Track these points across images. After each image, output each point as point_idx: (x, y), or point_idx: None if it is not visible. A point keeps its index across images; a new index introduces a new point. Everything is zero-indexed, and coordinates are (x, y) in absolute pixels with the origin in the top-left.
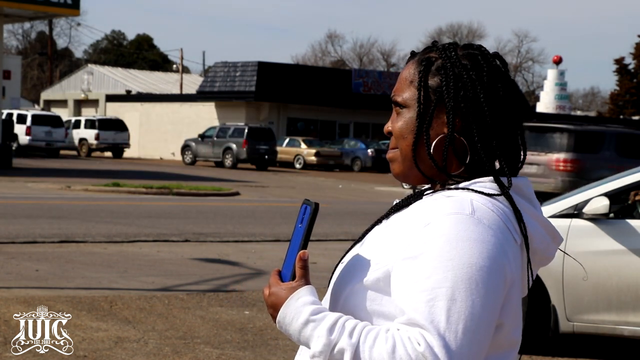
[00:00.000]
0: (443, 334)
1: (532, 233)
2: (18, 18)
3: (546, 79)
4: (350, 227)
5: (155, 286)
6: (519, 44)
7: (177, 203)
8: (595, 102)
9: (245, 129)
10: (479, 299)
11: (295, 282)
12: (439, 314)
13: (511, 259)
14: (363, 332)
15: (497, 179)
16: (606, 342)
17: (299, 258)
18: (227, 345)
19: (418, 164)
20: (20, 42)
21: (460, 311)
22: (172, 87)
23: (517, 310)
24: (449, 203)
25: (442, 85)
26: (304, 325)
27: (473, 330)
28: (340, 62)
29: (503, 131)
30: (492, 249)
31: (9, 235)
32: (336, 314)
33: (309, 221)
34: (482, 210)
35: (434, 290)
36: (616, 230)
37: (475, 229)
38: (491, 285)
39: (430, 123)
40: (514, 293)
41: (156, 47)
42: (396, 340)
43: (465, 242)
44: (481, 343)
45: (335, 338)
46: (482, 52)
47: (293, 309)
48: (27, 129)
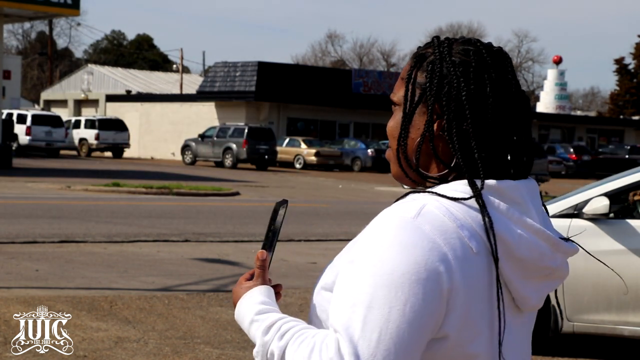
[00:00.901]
0: (356, 343)
1: (512, 241)
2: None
3: (546, 79)
4: (350, 227)
5: (155, 286)
6: (519, 44)
7: (177, 203)
8: (595, 102)
9: (245, 129)
10: (397, 307)
11: (252, 282)
12: (355, 321)
13: (454, 267)
14: (295, 335)
15: (471, 182)
16: (606, 342)
17: (256, 258)
18: (227, 345)
19: (402, 165)
20: (20, 42)
21: (375, 319)
22: (172, 87)
23: (471, 321)
24: (399, 207)
25: (426, 81)
26: (250, 324)
27: (388, 340)
28: (340, 62)
29: (488, 131)
30: (424, 254)
31: (9, 235)
32: (279, 315)
33: (270, 219)
34: (429, 214)
35: (355, 296)
36: (616, 230)
37: (409, 233)
38: (415, 293)
39: (411, 121)
40: (460, 303)
41: (156, 47)
42: (315, 345)
43: (394, 247)
44: (401, 353)
45: (268, 339)
46: (477, 48)
47: (244, 308)
48: (27, 129)
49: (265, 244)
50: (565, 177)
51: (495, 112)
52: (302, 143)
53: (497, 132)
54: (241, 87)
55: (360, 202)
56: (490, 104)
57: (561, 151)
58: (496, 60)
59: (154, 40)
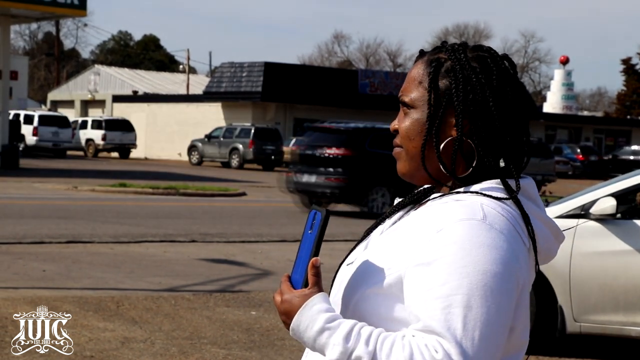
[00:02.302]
0: (460, 341)
1: (538, 234)
2: (25, 19)
3: (553, 79)
4: (356, 227)
5: (162, 286)
6: (526, 44)
7: (183, 203)
8: (602, 103)
9: (252, 129)
10: (494, 306)
11: (308, 289)
12: (455, 321)
13: (522, 263)
14: (379, 339)
15: (504, 182)
16: (613, 343)
17: (312, 265)
18: (234, 345)
19: (426, 165)
20: (27, 43)
21: (476, 318)
22: (178, 87)
23: (526, 312)
24: (460, 208)
25: (451, 87)
26: (319, 333)
27: (489, 336)
28: (346, 62)
29: (510, 134)
30: (505, 254)
31: (16, 236)
32: (351, 321)
33: (320, 228)
34: (492, 215)
35: (449, 297)
36: (623, 230)
37: (488, 234)
38: (505, 291)
39: (440, 125)
40: (524, 296)
41: (163, 47)
42: (413, 347)
43: (479, 249)
44: (496, 349)
45: (351, 346)
46: (492, 55)
47: (307, 317)
48: (34, 129)
49: (316, 251)
50: (572, 177)
51: (515, 116)
52: None
53: (516, 134)
54: (248, 88)
55: None
56: (512, 109)
57: (568, 151)
58: (508, 67)
59: (161, 41)
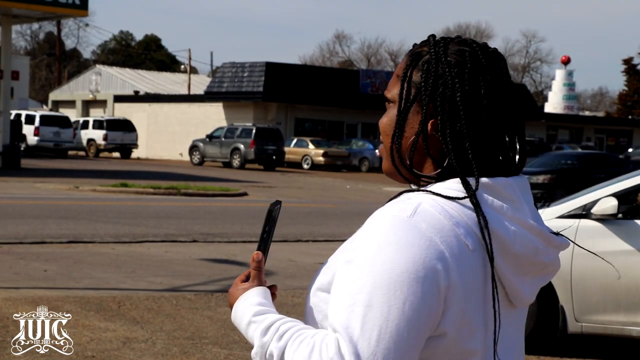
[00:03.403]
0: (356, 341)
1: (508, 237)
2: (26, 19)
3: (554, 79)
4: (357, 227)
5: (163, 286)
6: (527, 44)
7: (184, 203)
8: (603, 103)
9: (253, 129)
10: (396, 306)
11: (248, 283)
12: (354, 321)
13: (451, 265)
14: (293, 335)
15: (464, 181)
16: (615, 343)
17: (252, 259)
18: (235, 345)
19: (395, 162)
20: (29, 43)
21: (375, 318)
22: (180, 87)
23: (468, 318)
24: (394, 206)
25: (421, 81)
26: (247, 325)
27: (388, 339)
28: (348, 62)
29: (482, 131)
30: (421, 253)
31: (18, 236)
32: (276, 316)
33: (265, 221)
34: (425, 213)
35: (354, 296)
36: (624, 230)
37: (406, 232)
38: (414, 291)
39: (406, 119)
40: (457, 301)
41: (164, 47)
42: (315, 345)
43: (391, 246)
44: (400, 352)
45: (267, 340)
46: (473, 49)
47: (241, 309)
48: (36, 129)
49: (260, 245)
50: None
51: (489, 113)
52: (309, 143)
53: (490, 133)
54: (249, 88)
55: (368, 202)
56: (484, 105)
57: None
58: (491, 62)
59: (162, 41)
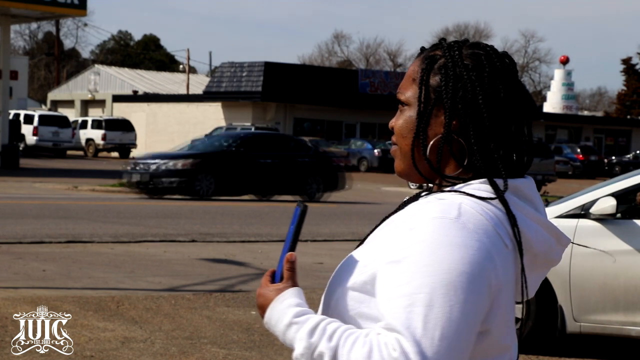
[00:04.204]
0: (419, 341)
1: (531, 236)
2: (25, 18)
3: (553, 79)
4: (357, 227)
5: (162, 286)
6: (526, 44)
7: (183, 203)
8: (602, 102)
9: (252, 129)
10: (457, 305)
11: (282, 284)
12: (415, 320)
13: (498, 264)
14: (343, 335)
15: (491, 182)
16: (613, 343)
17: (286, 260)
18: (234, 345)
19: (416, 163)
20: (27, 43)
21: (437, 317)
22: (178, 87)
23: (506, 315)
24: (435, 206)
25: (441, 84)
26: (287, 327)
27: (450, 336)
28: (346, 62)
29: (502, 133)
30: (475, 254)
31: (16, 236)
32: (319, 316)
33: (297, 223)
34: (469, 214)
35: (412, 295)
36: (623, 230)
37: (458, 233)
38: (472, 291)
39: (429, 122)
40: (502, 299)
41: (163, 47)
42: (373, 345)
43: (446, 247)
44: (460, 350)
45: (315, 341)
46: (487, 52)
47: (278, 311)
48: (34, 129)
49: (292, 246)
50: (572, 177)
51: (508, 115)
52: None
53: (510, 133)
54: (248, 88)
55: (366, 202)
56: (504, 107)
57: (568, 151)
58: (505, 65)
59: (161, 41)
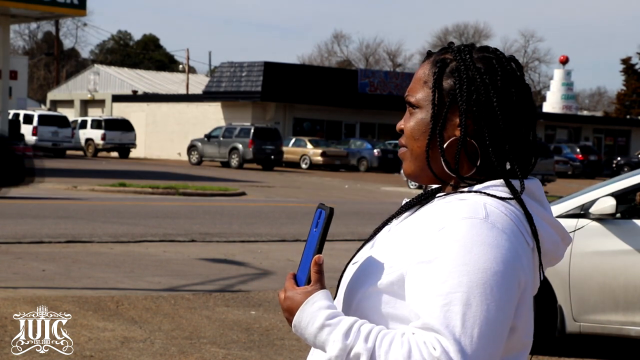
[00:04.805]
0: (459, 339)
1: (543, 235)
2: (25, 18)
3: (552, 79)
4: (356, 227)
5: (161, 286)
6: (526, 44)
7: (183, 203)
8: (602, 102)
9: (252, 129)
10: (493, 304)
11: (311, 286)
12: (454, 319)
13: (524, 262)
14: (379, 336)
15: (508, 182)
16: (613, 343)
17: (314, 262)
18: (234, 345)
19: (431, 165)
20: (27, 43)
21: (475, 316)
22: (178, 87)
23: (529, 312)
24: (462, 207)
25: (455, 87)
26: (319, 329)
27: (488, 334)
28: (346, 62)
29: (515, 134)
30: (506, 253)
31: (16, 235)
32: (352, 318)
33: (324, 226)
34: (495, 214)
35: (449, 295)
36: (623, 230)
37: (490, 233)
38: (505, 289)
39: (444, 125)
40: (526, 296)
41: (162, 47)
42: (412, 344)
43: (480, 247)
44: (496, 347)
45: (351, 343)
46: (497, 56)
47: (308, 314)
48: (34, 129)
49: (319, 249)
50: (572, 177)
51: (520, 117)
52: (308, 143)
53: (521, 135)
54: (247, 87)
55: (366, 202)
56: (516, 109)
57: (568, 151)
58: (514, 68)
59: (160, 41)
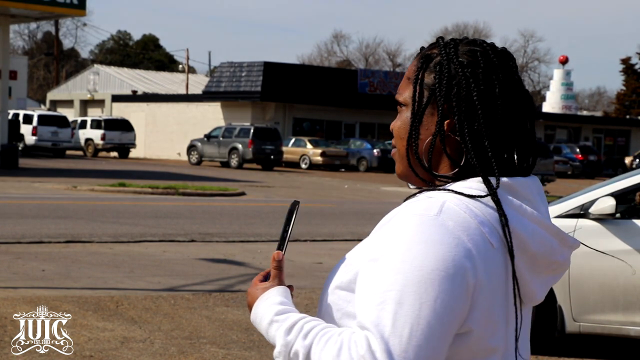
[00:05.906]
0: (387, 339)
1: (527, 236)
2: (24, 18)
3: (552, 78)
4: (356, 227)
5: (161, 286)
6: (525, 44)
7: (183, 203)
8: (601, 102)
9: (251, 129)
10: (428, 303)
11: (269, 282)
12: (385, 318)
13: (478, 263)
14: (318, 334)
15: (485, 180)
16: (613, 343)
17: (273, 258)
18: (233, 345)
19: (412, 165)
20: (27, 43)
21: (406, 315)
22: (178, 87)
23: (491, 316)
24: (417, 204)
25: (435, 82)
26: (269, 325)
27: (419, 335)
28: (346, 62)
29: (498, 130)
30: (451, 251)
31: (16, 235)
32: (299, 315)
33: (285, 221)
34: (451, 212)
35: (384, 293)
36: (622, 230)
37: (435, 230)
38: (444, 289)
39: (421, 121)
40: (483, 298)
41: (162, 47)
42: (343, 343)
43: (420, 245)
44: (431, 349)
45: (291, 339)
46: (484, 48)
47: (262, 309)
48: (34, 129)
49: (280, 245)
50: (572, 177)
51: (504, 112)
52: (308, 143)
53: (506, 131)
54: (247, 87)
55: (366, 202)
56: (500, 104)
57: (567, 151)
58: (502, 61)
59: (160, 41)
